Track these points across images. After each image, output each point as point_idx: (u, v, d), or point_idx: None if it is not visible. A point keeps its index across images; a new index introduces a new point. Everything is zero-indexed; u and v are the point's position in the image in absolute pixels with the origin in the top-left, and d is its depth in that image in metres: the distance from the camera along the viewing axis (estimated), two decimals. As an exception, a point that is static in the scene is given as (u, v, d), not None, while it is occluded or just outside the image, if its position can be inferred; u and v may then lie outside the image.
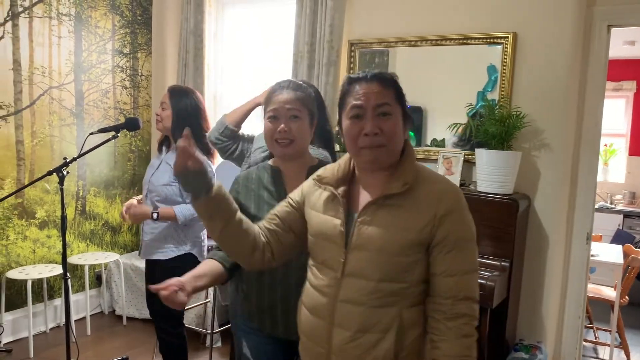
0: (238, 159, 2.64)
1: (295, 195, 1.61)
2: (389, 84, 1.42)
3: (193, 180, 1.39)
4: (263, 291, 1.79)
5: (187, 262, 2.70)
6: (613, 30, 3.03)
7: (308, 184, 1.59)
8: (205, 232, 2.82)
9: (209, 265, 1.69)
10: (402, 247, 1.36)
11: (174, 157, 2.68)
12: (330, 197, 1.48)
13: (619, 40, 4.89)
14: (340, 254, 1.42)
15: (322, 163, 1.80)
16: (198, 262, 2.68)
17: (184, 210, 2.67)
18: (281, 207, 1.61)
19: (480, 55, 3.12)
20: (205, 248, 2.84)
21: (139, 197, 2.98)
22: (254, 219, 1.62)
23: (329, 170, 1.53)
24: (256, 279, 1.80)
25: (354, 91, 1.40)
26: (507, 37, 3.00)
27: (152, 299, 2.79)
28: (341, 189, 1.47)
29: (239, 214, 1.50)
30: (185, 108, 2.75)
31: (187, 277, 1.55)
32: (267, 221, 1.59)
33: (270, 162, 1.85)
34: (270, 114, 1.74)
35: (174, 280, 1.49)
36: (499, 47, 3.04)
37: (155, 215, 2.64)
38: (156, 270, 2.78)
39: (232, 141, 2.63)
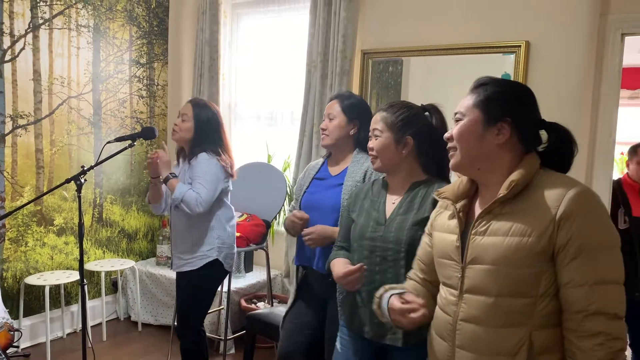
0: None
1: (427, 227, 1.59)
2: (476, 90, 1.40)
3: None
4: (349, 295, 1.90)
5: (213, 268, 2.76)
6: (629, 38, 3.02)
7: (435, 209, 1.57)
8: (227, 240, 2.83)
9: (344, 260, 1.90)
10: (520, 257, 1.24)
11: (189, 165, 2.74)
12: (452, 214, 1.43)
13: (634, 49, 4.84)
14: (456, 270, 1.36)
15: (430, 180, 1.87)
16: (222, 268, 2.78)
17: (183, 188, 2.63)
18: (422, 249, 1.60)
19: (494, 64, 3.13)
20: (229, 255, 2.84)
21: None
22: (353, 223, 1.92)
23: (451, 185, 1.49)
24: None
25: None
26: (520, 45, 3.00)
27: (186, 312, 2.84)
28: (460, 204, 1.41)
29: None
30: (208, 119, 2.79)
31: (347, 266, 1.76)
32: (416, 270, 1.61)
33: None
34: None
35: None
36: (512, 56, 3.05)
37: (167, 176, 2.69)
38: (188, 281, 2.82)
39: None
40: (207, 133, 2.78)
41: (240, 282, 3.90)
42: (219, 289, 3.67)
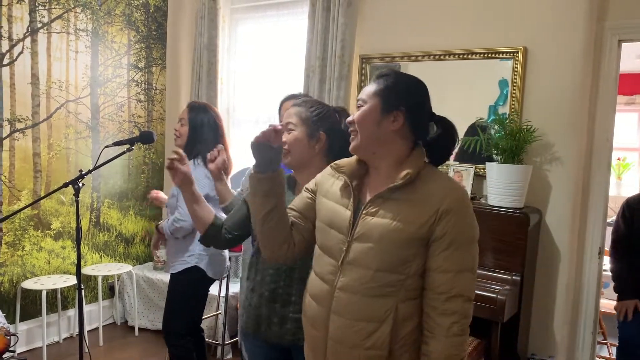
0: None
1: (310, 185, 1.67)
2: (376, 80, 1.53)
3: (267, 153, 1.51)
4: (250, 294, 1.89)
5: (194, 274, 2.78)
6: (626, 44, 3.04)
7: (323, 173, 1.66)
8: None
9: (209, 208, 1.90)
10: (401, 240, 1.40)
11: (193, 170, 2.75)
12: (344, 186, 1.54)
13: (631, 55, 4.88)
14: (343, 242, 1.48)
15: None
16: (205, 275, 2.78)
17: (166, 224, 2.79)
18: (298, 199, 1.68)
19: (492, 70, 3.14)
20: (214, 263, 2.85)
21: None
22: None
23: (347, 161, 1.58)
24: (246, 280, 1.92)
25: None
26: (518, 51, 3.02)
27: (168, 314, 2.85)
28: (355, 182, 1.53)
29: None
30: (202, 123, 2.82)
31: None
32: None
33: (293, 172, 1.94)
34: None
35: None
36: (510, 62, 3.06)
37: (157, 225, 2.90)
38: (170, 284, 2.85)
39: None
40: (201, 136, 2.80)
41: (237, 286, 3.89)
42: (217, 294, 3.67)
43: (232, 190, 2.50)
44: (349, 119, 1.52)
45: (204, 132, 2.81)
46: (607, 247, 3.30)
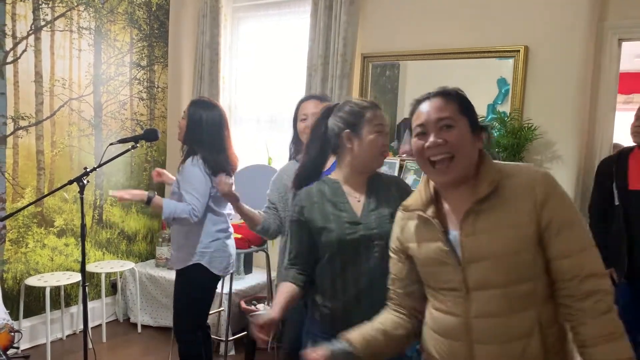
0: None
1: (393, 244, 1.60)
2: (451, 98, 1.43)
3: None
4: (337, 296, 1.83)
5: (196, 272, 2.77)
6: (624, 43, 3.07)
7: (395, 223, 1.60)
8: (212, 244, 2.81)
9: (287, 289, 1.80)
10: (517, 245, 1.33)
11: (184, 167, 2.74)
12: (421, 222, 1.47)
13: (630, 54, 4.90)
14: (456, 272, 1.38)
15: (379, 174, 1.91)
16: (208, 272, 2.77)
17: (171, 206, 2.67)
18: (392, 267, 1.60)
19: (490, 69, 3.17)
20: (217, 259, 2.83)
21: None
22: (322, 230, 1.79)
23: (412, 198, 1.53)
24: (330, 285, 1.84)
25: (417, 111, 1.46)
26: (519, 50, 3.05)
27: (176, 312, 2.87)
28: (430, 211, 1.45)
29: (377, 333, 1.53)
30: (201, 119, 2.75)
31: (276, 310, 1.71)
32: (391, 289, 1.60)
33: (330, 175, 1.92)
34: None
35: (268, 320, 1.64)
36: (510, 61, 3.09)
37: (147, 198, 2.68)
38: (175, 281, 2.88)
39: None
40: (199, 132, 2.74)
41: (239, 283, 3.92)
42: (219, 290, 3.69)
43: (254, 211, 2.46)
44: (436, 140, 1.38)
45: (202, 128, 2.74)
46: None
